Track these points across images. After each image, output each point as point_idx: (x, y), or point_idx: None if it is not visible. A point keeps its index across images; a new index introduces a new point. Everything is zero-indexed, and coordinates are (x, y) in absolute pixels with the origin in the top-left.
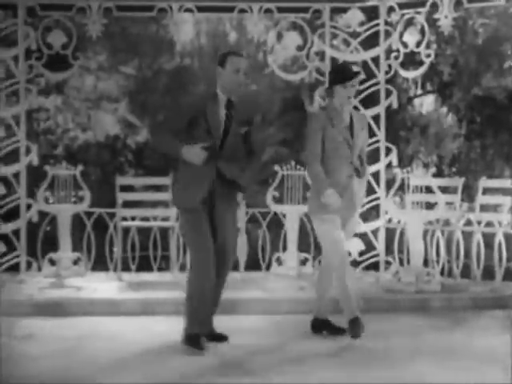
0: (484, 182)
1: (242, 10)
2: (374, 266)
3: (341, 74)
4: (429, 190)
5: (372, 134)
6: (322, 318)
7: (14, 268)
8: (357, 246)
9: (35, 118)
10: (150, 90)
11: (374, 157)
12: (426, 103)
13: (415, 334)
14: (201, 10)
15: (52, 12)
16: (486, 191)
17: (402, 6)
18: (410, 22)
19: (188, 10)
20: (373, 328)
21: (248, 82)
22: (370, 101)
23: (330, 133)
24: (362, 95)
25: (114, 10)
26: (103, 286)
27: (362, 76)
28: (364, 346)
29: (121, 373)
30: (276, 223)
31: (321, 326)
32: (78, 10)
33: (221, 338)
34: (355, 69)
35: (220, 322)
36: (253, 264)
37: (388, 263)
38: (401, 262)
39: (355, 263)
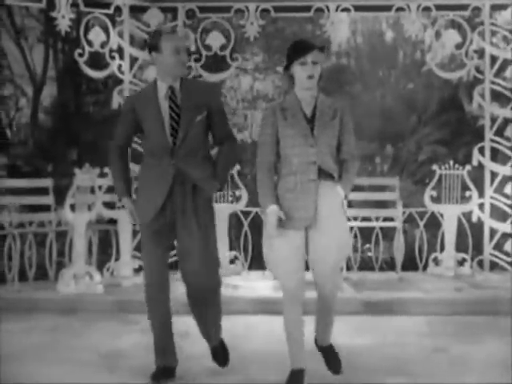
0: None
1: (400, 9)
2: None
3: (296, 48)
4: None
5: None
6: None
7: (173, 266)
8: None
9: None
10: None
11: None
12: None
13: None
14: (358, 9)
15: (210, 14)
16: None
17: None
18: None
19: (345, 10)
20: None
21: (188, 61)
22: None
23: (283, 128)
24: None
25: (271, 10)
26: (260, 284)
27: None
28: None
29: (279, 372)
30: (433, 223)
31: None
32: (235, 12)
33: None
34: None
35: (377, 323)
36: (410, 264)
37: None
38: None
39: None
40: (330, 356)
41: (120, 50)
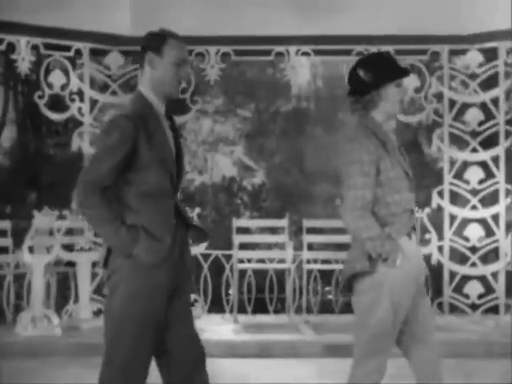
0: None
1: (360, 53)
2: (494, 310)
3: (395, 66)
4: None
5: (491, 175)
6: None
7: None
8: (476, 288)
9: None
10: (266, 133)
11: (493, 198)
12: None
13: None
14: (318, 53)
15: None
16: None
17: None
18: None
19: (305, 54)
20: (494, 374)
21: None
22: (489, 142)
23: (387, 168)
24: (481, 136)
25: (232, 54)
26: (219, 327)
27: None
28: None
29: None
30: None
31: None
32: (196, 55)
33: None
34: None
35: (338, 366)
36: None
37: (508, 306)
38: None
39: (474, 306)
40: None
41: (80, 93)
